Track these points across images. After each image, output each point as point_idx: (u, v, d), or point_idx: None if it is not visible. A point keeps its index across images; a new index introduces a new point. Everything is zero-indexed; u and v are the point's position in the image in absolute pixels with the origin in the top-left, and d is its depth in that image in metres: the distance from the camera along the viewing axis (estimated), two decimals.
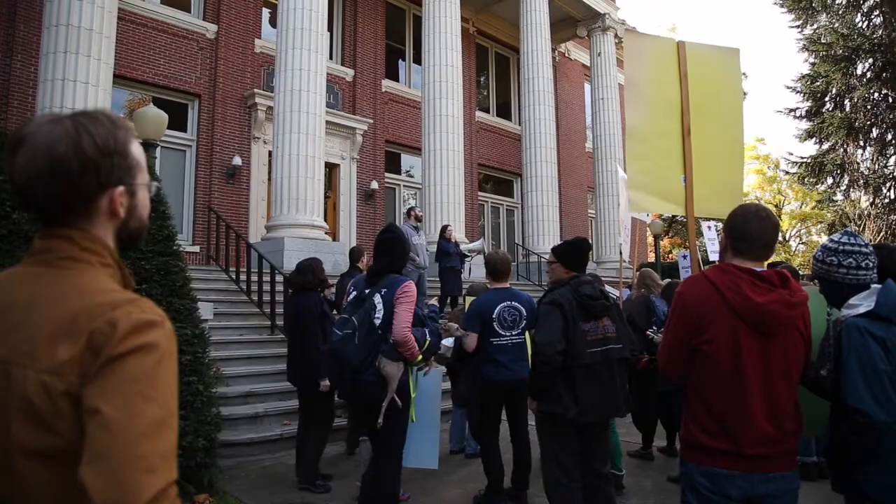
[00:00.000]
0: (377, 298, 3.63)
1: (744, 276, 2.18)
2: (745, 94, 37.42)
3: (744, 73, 47.68)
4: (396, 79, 16.42)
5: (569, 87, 20.84)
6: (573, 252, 3.77)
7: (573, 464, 3.50)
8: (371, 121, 14.98)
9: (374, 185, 14.92)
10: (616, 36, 18.85)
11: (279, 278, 8.21)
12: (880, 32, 22.49)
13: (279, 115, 10.73)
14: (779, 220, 2.40)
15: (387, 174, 15.62)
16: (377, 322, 3.59)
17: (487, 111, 18.66)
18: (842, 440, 2.24)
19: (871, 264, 2.50)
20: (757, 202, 2.67)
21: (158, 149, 8.24)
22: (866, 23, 23.35)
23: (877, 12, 23.17)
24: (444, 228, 10.84)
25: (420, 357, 3.75)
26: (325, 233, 11.18)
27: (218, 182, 12.42)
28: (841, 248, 2.52)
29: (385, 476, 3.86)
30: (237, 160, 12.54)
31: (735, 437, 2.14)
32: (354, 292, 3.80)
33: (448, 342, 6.06)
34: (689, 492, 2.25)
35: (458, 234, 12.59)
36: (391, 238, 3.87)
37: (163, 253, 4.68)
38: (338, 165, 14.41)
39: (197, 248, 11.84)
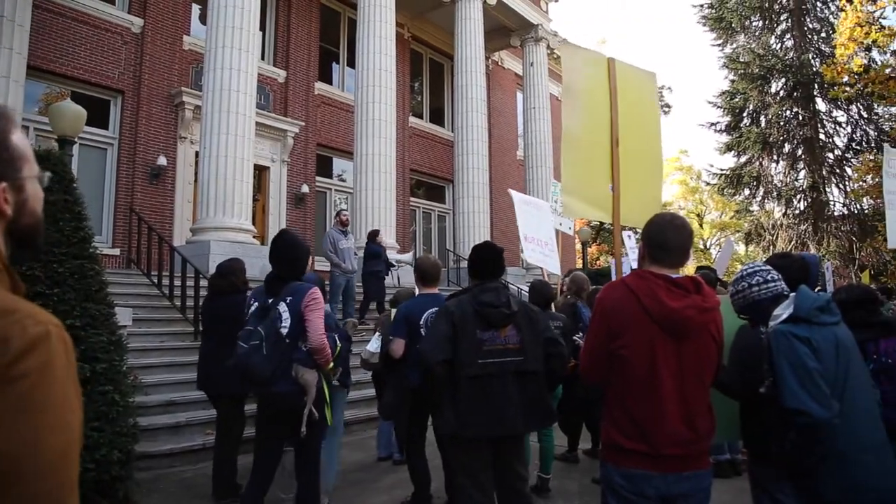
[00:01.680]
0: (282, 307, 3.54)
1: (660, 283, 2.26)
2: (669, 107, 38.96)
3: (669, 87, 49.45)
4: (330, 81, 16.24)
5: (502, 95, 21.10)
6: (474, 259, 3.58)
7: (485, 476, 3.29)
8: (303, 123, 14.76)
9: (305, 188, 14.69)
10: (548, 47, 19.23)
11: (204, 283, 7.97)
12: (791, 54, 23.81)
13: (207, 114, 10.43)
14: (693, 229, 2.50)
15: (318, 178, 15.41)
16: (284, 331, 3.49)
17: (421, 117, 18.68)
18: (793, 447, 2.32)
19: (774, 276, 2.71)
20: (673, 211, 2.80)
21: (76, 146, 7.88)
22: (780, 45, 24.73)
23: (788, 35, 24.55)
24: (375, 233, 10.79)
25: (332, 364, 3.74)
26: (254, 236, 10.93)
27: (141, 182, 11.95)
28: (745, 273, 2.78)
29: (308, 486, 3.81)
30: (162, 160, 12.10)
31: (651, 439, 2.20)
32: (256, 303, 3.67)
33: (373, 347, 6.02)
34: (609, 492, 2.31)
35: (389, 239, 12.55)
36: (287, 243, 3.76)
37: (77, 255, 4.44)
38: (268, 168, 14.12)
39: (117, 251, 11.35)
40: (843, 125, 24.03)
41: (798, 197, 23.93)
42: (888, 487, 2.31)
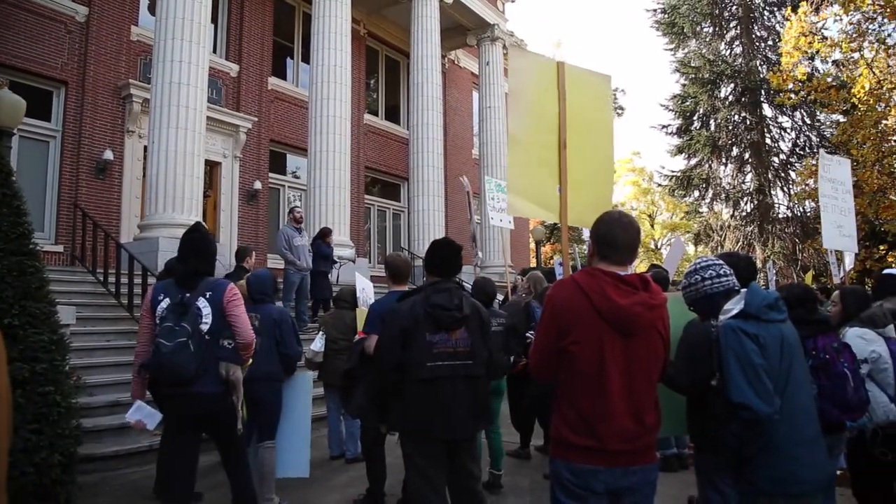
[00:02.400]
0: (202, 303, 3.45)
1: (608, 280, 2.29)
2: (623, 109, 39.66)
3: (622, 90, 50.35)
4: (284, 77, 16.00)
5: (457, 94, 21.14)
6: (430, 256, 3.52)
7: (438, 476, 3.30)
8: (256, 119, 14.50)
9: (258, 184, 14.44)
10: (504, 47, 19.34)
11: (152, 280, 7.77)
12: (740, 61, 24.54)
13: (156, 108, 10.14)
14: (640, 227, 2.55)
15: (271, 174, 15.16)
16: (205, 328, 3.42)
17: (376, 114, 18.57)
18: (734, 438, 2.40)
19: (727, 270, 2.81)
20: (621, 210, 2.88)
21: (15, 138, 7.59)
22: (729, 51, 25.49)
23: (737, 42, 25.29)
24: (327, 232, 10.69)
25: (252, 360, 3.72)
26: None
27: (86, 177, 11.55)
28: (698, 266, 2.87)
29: (242, 484, 3.77)
30: (108, 154, 11.70)
31: (599, 434, 2.24)
32: (167, 299, 3.52)
33: (317, 346, 5.99)
34: (557, 487, 2.34)
35: (343, 236, 12.44)
36: (200, 237, 3.68)
37: (16, 252, 4.27)
38: (219, 163, 13.83)
39: (60, 248, 10.95)
40: (788, 130, 24.95)
41: (745, 199, 24.73)
42: (815, 479, 2.43)
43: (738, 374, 2.35)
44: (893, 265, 15.84)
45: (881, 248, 17.88)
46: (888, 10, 12.33)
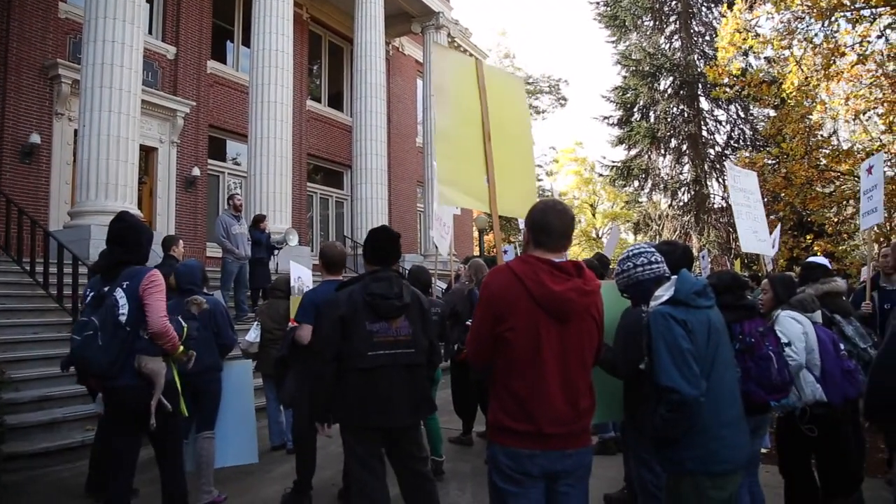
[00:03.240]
0: (119, 293, 3.35)
1: (543, 267, 2.33)
2: (566, 99, 40.16)
3: (566, 81, 51.04)
4: (224, 61, 15.58)
5: (402, 81, 21.01)
6: (368, 245, 3.51)
7: (377, 462, 3.33)
8: (194, 103, 14.09)
9: (196, 171, 14.06)
10: (449, 35, 19.32)
11: (84, 270, 7.48)
12: (679, 54, 25.16)
13: (87, 90, 9.71)
14: (574, 214, 2.62)
15: (210, 160, 14.79)
16: (123, 319, 3.30)
17: (319, 101, 18.30)
18: (662, 421, 2.46)
19: (658, 258, 2.91)
20: (555, 198, 2.96)
21: None
22: (668, 45, 26.09)
23: (676, 36, 25.92)
24: (260, 218, 10.49)
25: (182, 348, 3.59)
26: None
27: (10, 162, 11.00)
28: (631, 253, 2.97)
29: (173, 482, 3.69)
30: (35, 138, 11.18)
31: (535, 419, 2.28)
32: (92, 292, 3.47)
33: (252, 336, 5.91)
34: (494, 472, 2.37)
35: (284, 224, 12.24)
36: (124, 227, 3.61)
37: None
38: (155, 149, 13.40)
39: None
40: (724, 123, 25.79)
41: (682, 190, 25.48)
42: (737, 458, 2.54)
43: (666, 358, 2.43)
44: (819, 253, 16.56)
45: (808, 237, 18.66)
46: (815, 10, 12.81)
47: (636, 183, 26.77)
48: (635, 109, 26.32)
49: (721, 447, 2.48)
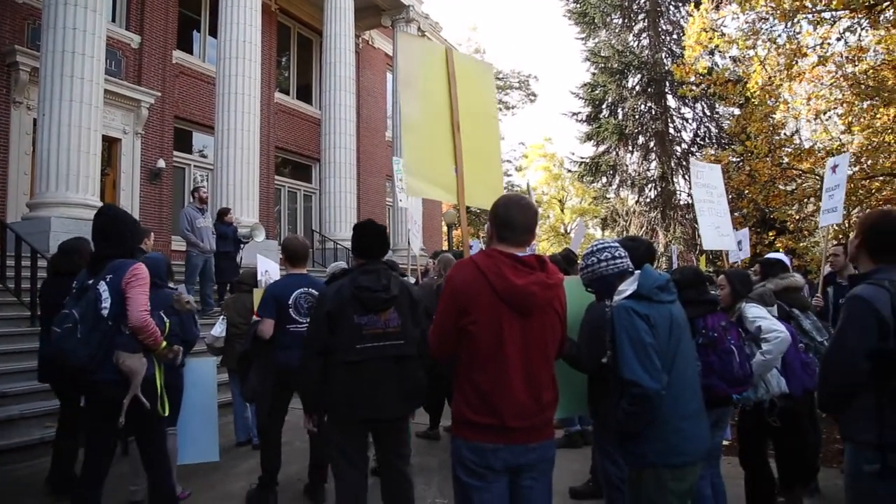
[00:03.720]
0: (102, 287, 3.32)
1: (506, 261, 2.34)
2: (536, 95, 40.36)
3: (535, 77, 51.20)
4: (190, 51, 15.29)
5: (371, 75, 20.88)
6: (356, 238, 3.52)
7: (359, 455, 3.38)
8: (159, 94, 13.82)
9: (162, 163, 13.80)
10: (419, 29, 19.23)
11: (43, 263, 7.29)
12: (647, 52, 25.45)
13: (46, 78, 9.46)
14: (538, 209, 2.64)
15: (176, 152, 14.53)
16: (105, 312, 3.27)
17: (288, 93, 18.10)
18: (624, 414, 2.50)
19: (622, 253, 2.95)
20: (518, 192, 2.95)
21: None
22: (637, 42, 26.35)
23: (645, 34, 26.20)
24: (225, 211, 10.35)
25: (164, 344, 3.54)
26: None
27: None
28: (595, 249, 2.99)
29: (159, 479, 3.63)
30: None
31: (498, 412, 2.30)
32: (77, 285, 3.44)
33: (217, 331, 5.85)
34: (458, 466, 2.39)
35: (251, 218, 12.10)
36: (108, 220, 3.56)
37: None
38: (119, 140, 13.11)
39: None
40: (690, 121, 26.18)
41: (649, 186, 25.80)
42: (697, 450, 2.61)
43: (629, 352, 2.47)
44: (781, 250, 16.93)
45: (770, 233, 19.06)
46: (779, 11, 13.05)
47: (604, 179, 27.04)
48: (604, 106, 26.54)
49: (681, 440, 2.54)
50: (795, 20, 13.46)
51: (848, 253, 5.72)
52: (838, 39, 13.49)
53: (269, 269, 6.49)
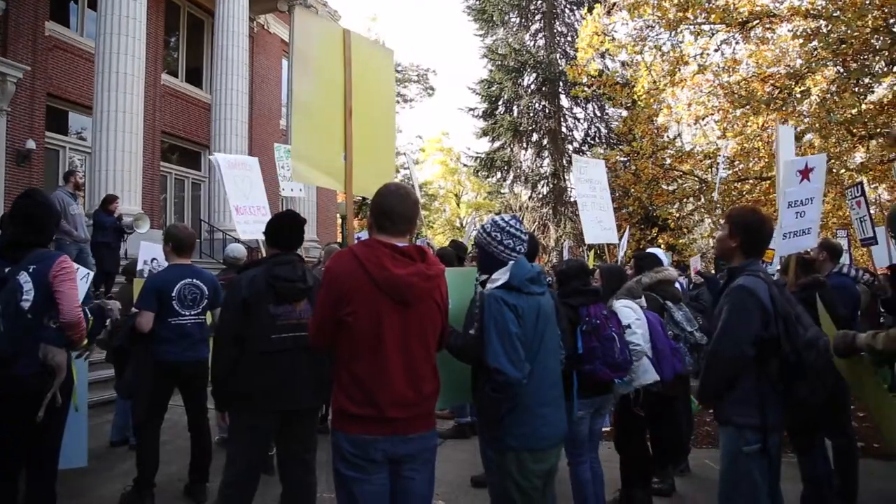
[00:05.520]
0: (24, 278, 3.08)
1: (385, 251, 2.33)
2: (434, 89, 40.51)
3: (434, 71, 51.43)
4: (66, 23, 14.18)
5: (266, 60, 20.23)
6: (275, 228, 3.46)
7: (262, 450, 3.38)
8: (28, 68, 12.74)
9: (31, 144, 12.74)
10: (317, 15, 18.79)
11: None
12: (542, 52, 26.20)
13: None
14: (417, 198, 2.62)
15: (49, 133, 13.47)
16: (26, 305, 3.05)
17: (176, 75, 17.19)
18: (487, 399, 2.57)
19: (522, 250, 2.96)
20: (398, 182, 2.90)
21: None
22: (533, 42, 27.11)
23: (541, 35, 26.97)
24: (110, 199, 9.69)
25: (86, 340, 3.40)
26: None
27: None
28: (508, 228, 2.84)
29: (44, 481, 3.33)
30: None
31: (377, 403, 2.28)
32: None
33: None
34: (338, 459, 2.36)
35: (134, 206, 11.45)
36: (31, 204, 3.32)
37: None
38: None
39: None
40: (581, 121, 27.24)
41: (542, 182, 26.65)
42: (555, 435, 2.76)
43: (495, 340, 2.54)
44: (662, 246, 17.93)
45: (653, 230, 20.12)
46: (664, 20, 13.79)
47: (499, 174, 27.72)
48: (500, 103, 27.14)
49: (541, 425, 2.67)
50: (679, 30, 14.25)
51: (717, 248, 6.14)
52: (716, 51, 14.42)
53: (156, 256, 6.12)
